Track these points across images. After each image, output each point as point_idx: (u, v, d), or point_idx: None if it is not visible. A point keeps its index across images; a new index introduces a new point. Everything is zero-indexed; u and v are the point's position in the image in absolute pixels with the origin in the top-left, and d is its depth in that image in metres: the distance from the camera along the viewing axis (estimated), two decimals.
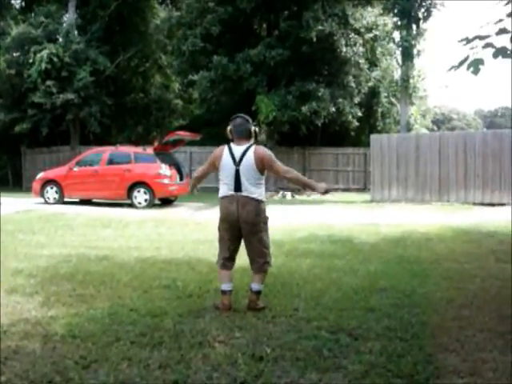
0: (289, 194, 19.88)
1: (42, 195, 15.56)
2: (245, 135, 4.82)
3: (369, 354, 3.86)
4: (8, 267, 6.62)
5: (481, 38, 4.07)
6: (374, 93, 22.61)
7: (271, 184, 21.84)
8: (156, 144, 15.19)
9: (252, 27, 20.25)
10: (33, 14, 22.78)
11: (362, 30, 19.61)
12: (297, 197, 19.78)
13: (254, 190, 4.77)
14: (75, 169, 15.53)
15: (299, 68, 19.47)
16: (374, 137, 16.65)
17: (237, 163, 4.77)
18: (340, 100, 19.76)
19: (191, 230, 10.25)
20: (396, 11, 18.65)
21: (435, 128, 45.40)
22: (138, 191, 14.86)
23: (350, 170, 23.56)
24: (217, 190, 5.06)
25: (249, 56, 18.98)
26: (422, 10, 18.58)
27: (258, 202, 4.79)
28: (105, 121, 23.54)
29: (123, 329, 4.40)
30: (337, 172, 23.82)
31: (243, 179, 4.76)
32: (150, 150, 15.17)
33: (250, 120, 4.93)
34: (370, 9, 20.18)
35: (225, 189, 4.85)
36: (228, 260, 4.99)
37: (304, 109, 19.08)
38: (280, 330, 4.43)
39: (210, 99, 21.09)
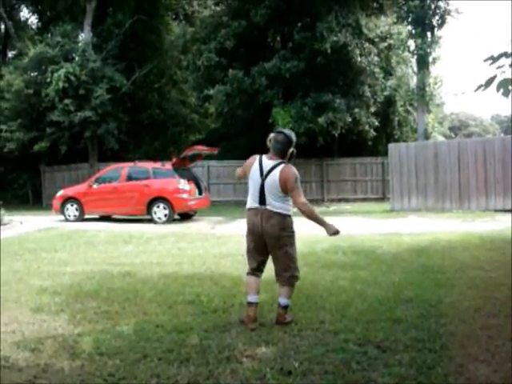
0: None
1: (63, 212, 15.71)
2: (279, 154, 4.80)
3: (398, 367, 3.81)
4: (32, 285, 6.69)
5: (507, 55, 3.98)
6: (389, 102, 22.53)
7: None
8: (174, 159, 15.27)
9: (266, 40, 20.37)
10: (49, 34, 23.15)
11: (376, 39, 19.59)
12: (316, 208, 19.67)
13: (278, 204, 4.77)
14: (95, 186, 15.66)
15: (314, 79, 19.49)
16: (392, 146, 16.57)
17: (263, 177, 4.80)
18: (356, 110, 19.71)
19: (212, 245, 10.26)
20: (410, 19, 18.64)
21: (452, 135, 45.14)
22: (158, 206, 14.93)
23: (368, 179, 23.40)
24: (235, 203, 5.08)
25: (264, 69, 19.06)
26: (437, 17, 18.55)
27: (283, 216, 4.79)
28: (122, 137, 23.77)
29: (150, 345, 4.41)
30: (355, 182, 23.67)
31: (267, 194, 4.78)
32: (168, 166, 15.26)
33: (293, 141, 4.82)
34: (383, 18, 20.20)
35: (251, 200, 4.88)
36: (255, 270, 5.00)
37: (320, 120, 19.05)
38: (307, 343, 4.40)
39: (227, 113, 21.18)
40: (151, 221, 14.84)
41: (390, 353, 4.11)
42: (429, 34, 18.80)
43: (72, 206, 15.68)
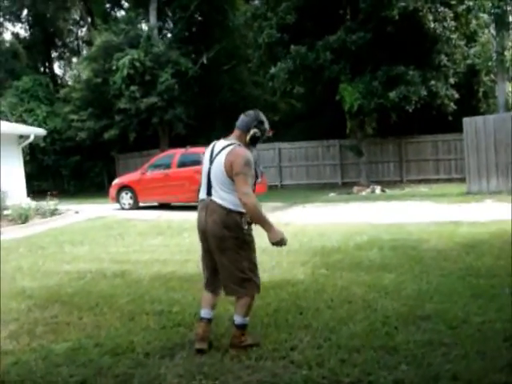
0: (378, 189, 18.26)
1: (118, 201, 15.51)
2: (243, 129, 3.86)
3: None
4: (17, 287, 6.21)
5: None
6: (473, 71, 20.11)
7: (364, 177, 20.35)
8: None
9: (330, 12, 18.81)
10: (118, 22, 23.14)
11: (453, 1, 17.36)
12: (388, 191, 18.09)
13: (225, 195, 3.78)
14: (148, 173, 15.28)
15: (385, 51, 17.71)
16: (467, 120, 14.50)
17: (211, 160, 3.86)
18: (433, 82, 17.70)
19: None
20: None
21: None
22: None
23: (452, 158, 21.25)
24: (307, 186, 4.08)
25: (328, 43, 17.63)
26: None
27: (228, 211, 3.76)
28: (191, 122, 23.37)
29: (67, 371, 3.70)
30: (437, 161, 21.61)
31: (213, 180, 3.85)
32: None
33: (260, 119, 3.89)
34: None
35: (201, 192, 3.96)
36: (208, 280, 4.04)
37: (392, 95, 17.35)
38: (255, 380, 3.40)
39: (291, 91, 20.03)
40: None
41: None
42: None
43: (126, 194, 15.43)
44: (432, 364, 3.51)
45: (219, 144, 3.89)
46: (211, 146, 3.98)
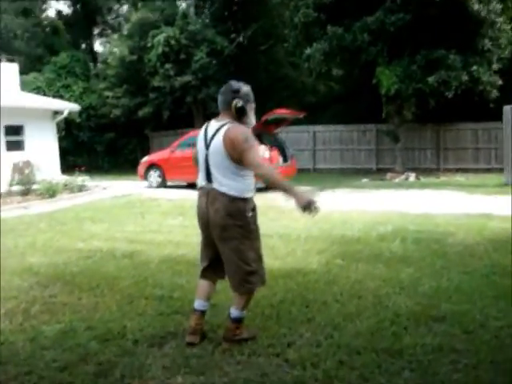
0: (412, 176, 17.66)
1: (147, 179, 15.47)
2: (224, 109, 3.59)
3: None
4: (24, 263, 6.15)
5: None
6: None
7: (399, 164, 19.72)
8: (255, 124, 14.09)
9: None
10: None
11: None
12: (422, 179, 17.47)
13: (226, 181, 3.51)
14: (177, 151, 15.14)
15: (425, 33, 16.92)
16: (507, 108, 13.71)
17: (207, 145, 3.59)
18: (475, 67, 16.85)
19: (263, 221, 9.06)
20: None
21: None
22: None
23: (492, 147, 20.33)
24: (341, 171, 3.76)
25: (366, 24, 16.98)
26: None
27: (231, 198, 3.50)
28: None
29: (52, 356, 3.56)
30: (477, 150, 20.75)
31: (212, 166, 3.57)
32: None
33: (237, 90, 3.57)
34: None
35: (200, 178, 3.72)
36: (206, 269, 3.82)
37: (431, 79, 16.62)
38: (242, 377, 3.18)
39: (328, 73, 19.51)
40: None
41: None
42: None
43: (155, 172, 15.36)
44: (438, 373, 3.20)
45: (212, 126, 3.60)
46: (203, 128, 3.69)
